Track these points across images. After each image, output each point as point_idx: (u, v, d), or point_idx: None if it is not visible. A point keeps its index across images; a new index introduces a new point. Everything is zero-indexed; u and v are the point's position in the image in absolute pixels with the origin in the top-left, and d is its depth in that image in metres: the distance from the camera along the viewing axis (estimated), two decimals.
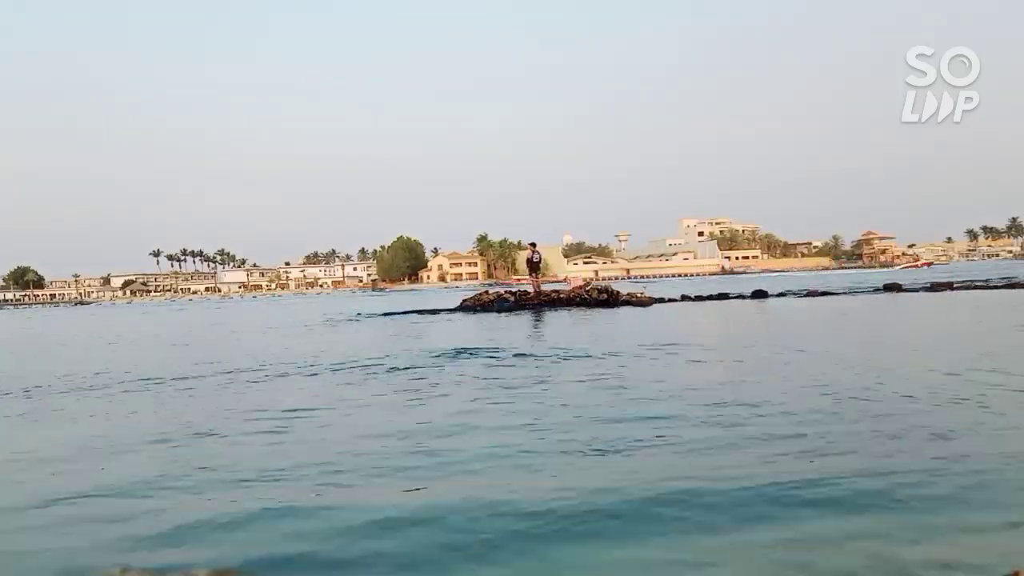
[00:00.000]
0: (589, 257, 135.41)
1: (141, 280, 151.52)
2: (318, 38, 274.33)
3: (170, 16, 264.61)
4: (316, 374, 7.33)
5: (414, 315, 18.98)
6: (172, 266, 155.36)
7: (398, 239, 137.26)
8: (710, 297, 20.58)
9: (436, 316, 18.17)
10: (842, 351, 7.65)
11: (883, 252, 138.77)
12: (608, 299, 18.34)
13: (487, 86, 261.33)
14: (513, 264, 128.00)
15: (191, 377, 7.48)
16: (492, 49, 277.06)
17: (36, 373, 8.65)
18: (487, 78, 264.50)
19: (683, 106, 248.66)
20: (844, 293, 20.17)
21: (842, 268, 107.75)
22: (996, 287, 19.27)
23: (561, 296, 19.03)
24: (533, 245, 21.23)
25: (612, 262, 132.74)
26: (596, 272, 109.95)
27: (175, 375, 7.68)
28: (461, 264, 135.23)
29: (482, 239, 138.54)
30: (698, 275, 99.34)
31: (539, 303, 18.70)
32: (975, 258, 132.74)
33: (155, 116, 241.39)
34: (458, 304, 20.10)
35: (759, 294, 20.35)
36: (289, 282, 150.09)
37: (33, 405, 6.30)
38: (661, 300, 19.64)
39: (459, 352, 8.40)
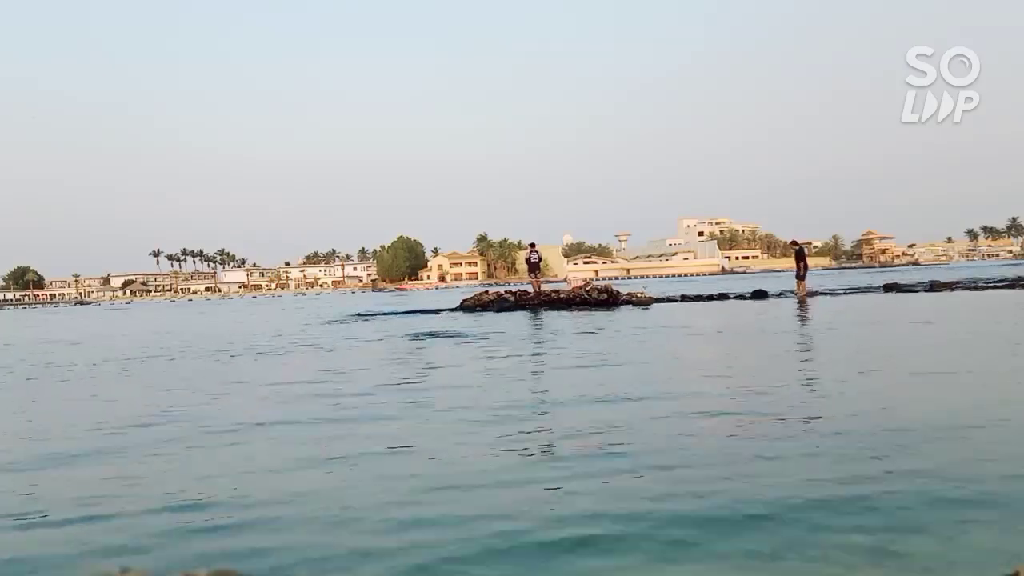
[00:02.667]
0: (589, 257, 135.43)
1: (141, 280, 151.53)
2: (319, 38, 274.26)
3: (171, 17, 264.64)
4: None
5: (414, 315, 19.02)
6: (172, 266, 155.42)
7: (398, 239, 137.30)
8: (710, 297, 20.62)
9: (437, 316, 18.20)
10: (838, 344, 7.69)
11: (883, 252, 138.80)
12: (608, 299, 18.37)
13: (488, 87, 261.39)
14: (513, 264, 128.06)
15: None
16: (494, 52, 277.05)
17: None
18: (488, 79, 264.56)
19: (683, 109, 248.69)
20: (844, 292, 20.19)
21: (842, 268, 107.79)
22: (991, 287, 19.28)
23: (561, 296, 19.06)
24: (533, 245, 21.32)
25: (612, 262, 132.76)
26: (596, 272, 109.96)
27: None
28: (461, 264, 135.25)
29: (482, 239, 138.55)
30: (698, 275, 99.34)
31: (539, 303, 18.74)
32: (975, 258, 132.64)
33: (155, 116, 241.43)
34: (458, 304, 20.17)
35: (759, 294, 20.39)
36: (289, 282, 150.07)
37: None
38: (661, 300, 19.67)
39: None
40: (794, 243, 20.34)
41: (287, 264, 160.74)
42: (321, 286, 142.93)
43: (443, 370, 7.49)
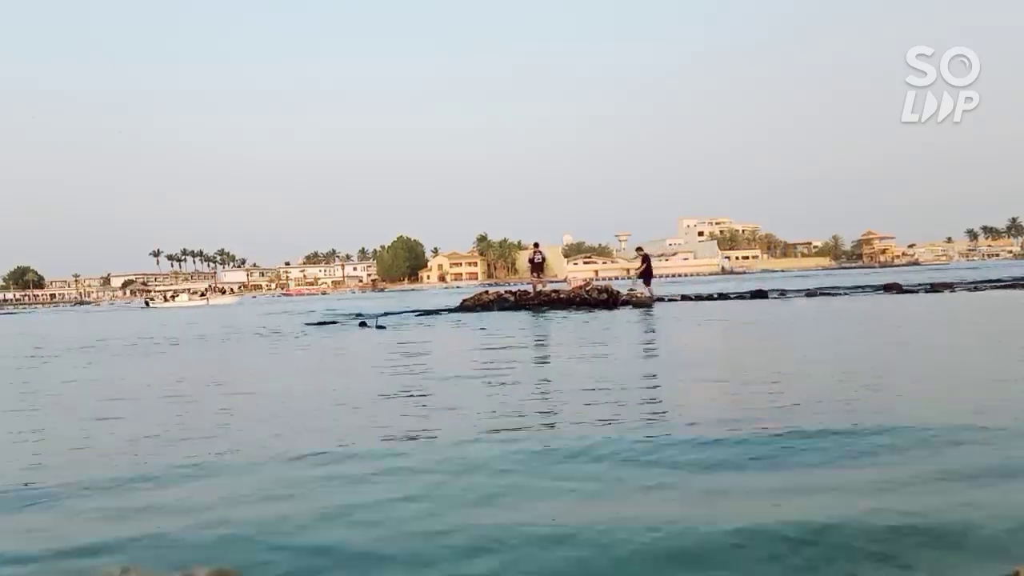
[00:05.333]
0: (589, 257, 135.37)
1: (141, 280, 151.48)
2: (319, 38, 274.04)
3: (171, 17, 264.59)
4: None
5: (410, 315, 19.00)
6: (172, 266, 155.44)
7: (398, 239, 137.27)
8: (710, 297, 20.63)
9: (437, 316, 18.19)
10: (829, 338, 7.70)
11: (883, 252, 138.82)
12: (608, 299, 18.37)
13: (488, 87, 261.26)
14: (513, 264, 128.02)
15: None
16: (494, 52, 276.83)
17: None
18: (488, 79, 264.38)
19: (683, 109, 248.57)
20: (844, 293, 20.20)
21: (842, 268, 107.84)
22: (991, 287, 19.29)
23: (561, 296, 19.07)
24: (536, 245, 21.34)
25: (612, 262, 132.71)
26: (596, 272, 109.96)
27: None
28: (461, 264, 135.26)
29: (482, 239, 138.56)
30: (698, 275, 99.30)
31: (539, 303, 18.75)
32: (975, 258, 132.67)
33: (155, 116, 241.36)
34: (458, 304, 20.18)
35: (759, 294, 20.40)
36: (289, 282, 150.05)
37: None
38: (661, 300, 19.67)
39: None
40: (639, 249, 21.47)
41: (287, 264, 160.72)
42: (321, 286, 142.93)
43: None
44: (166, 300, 60.39)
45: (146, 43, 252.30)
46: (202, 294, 64.63)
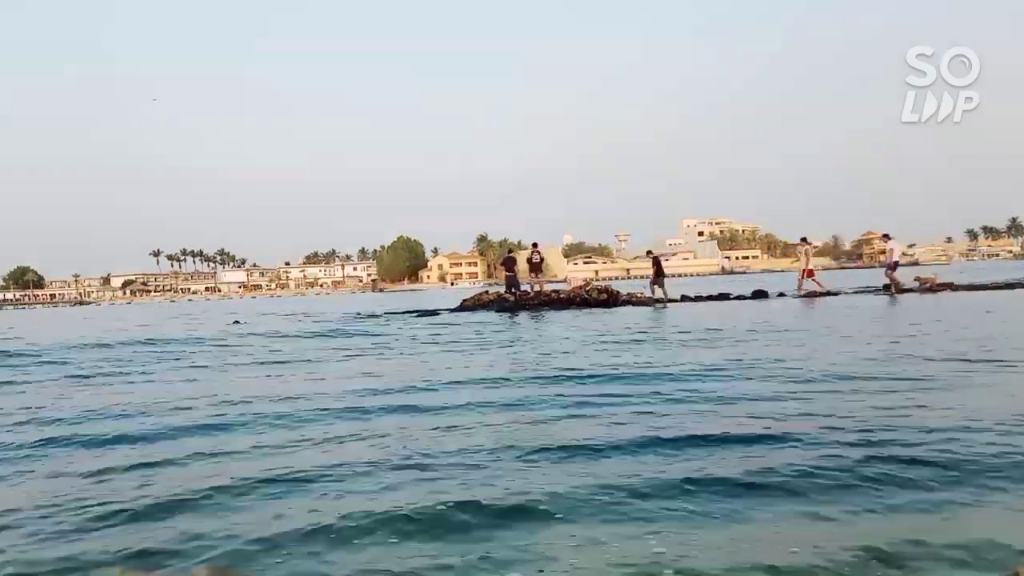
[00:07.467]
0: (589, 257, 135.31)
1: (141, 280, 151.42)
2: (319, 38, 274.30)
3: (171, 17, 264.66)
4: None
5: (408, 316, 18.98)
6: (172, 266, 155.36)
7: (398, 239, 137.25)
8: (710, 297, 20.60)
9: (436, 317, 18.17)
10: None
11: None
12: (608, 299, 18.36)
13: (488, 87, 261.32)
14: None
15: None
16: (494, 52, 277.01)
17: None
18: (488, 79, 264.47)
19: (683, 109, 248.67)
20: (843, 293, 20.19)
21: (842, 268, 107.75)
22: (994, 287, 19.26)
23: (561, 296, 19.05)
24: (535, 245, 21.36)
25: (612, 262, 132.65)
26: (596, 272, 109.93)
27: None
28: (461, 264, 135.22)
29: (482, 239, 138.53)
30: (698, 275, 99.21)
31: (539, 303, 18.74)
32: (975, 258, 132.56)
33: (155, 116, 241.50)
34: (458, 304, 20.16)
35: (759, 294, 20.36)
36: (289, 282, 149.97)
37: None
38: (661, 300, 19.63)
39: None
40: (649, 252, 22.14)
41: (287, 264, 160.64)
42: (321, 286, 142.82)
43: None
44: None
45: (146, 43, 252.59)
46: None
